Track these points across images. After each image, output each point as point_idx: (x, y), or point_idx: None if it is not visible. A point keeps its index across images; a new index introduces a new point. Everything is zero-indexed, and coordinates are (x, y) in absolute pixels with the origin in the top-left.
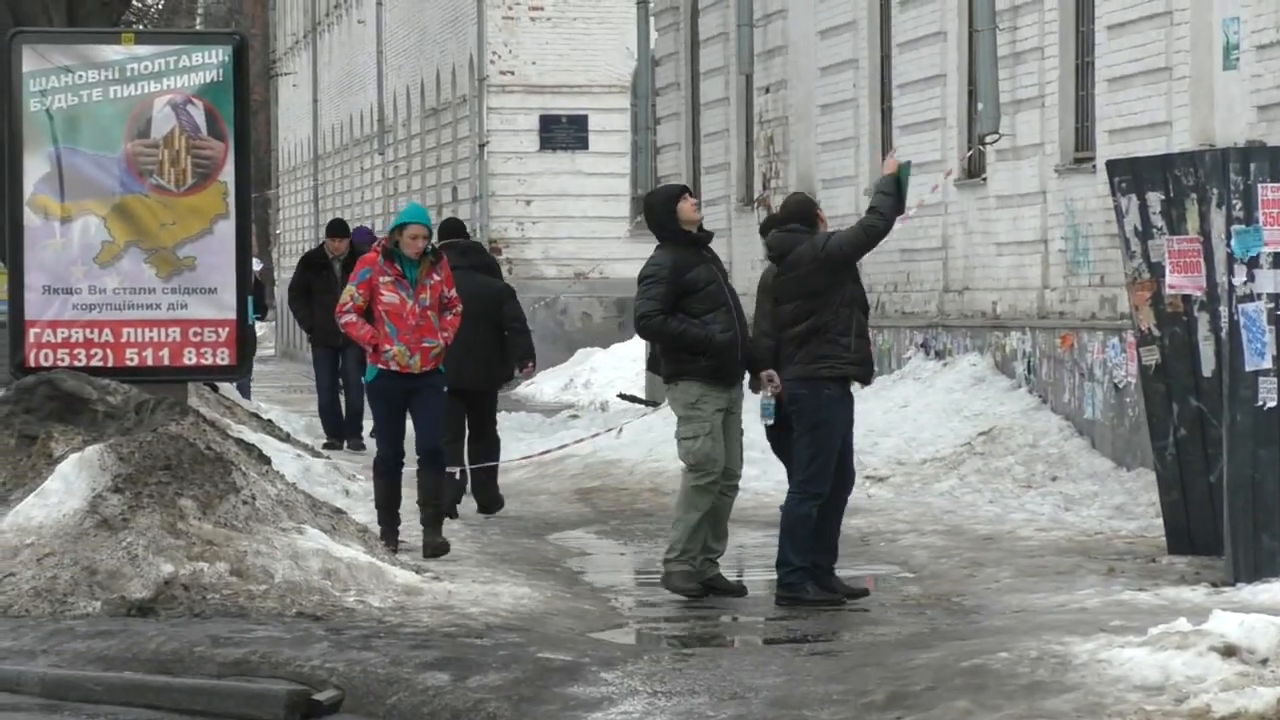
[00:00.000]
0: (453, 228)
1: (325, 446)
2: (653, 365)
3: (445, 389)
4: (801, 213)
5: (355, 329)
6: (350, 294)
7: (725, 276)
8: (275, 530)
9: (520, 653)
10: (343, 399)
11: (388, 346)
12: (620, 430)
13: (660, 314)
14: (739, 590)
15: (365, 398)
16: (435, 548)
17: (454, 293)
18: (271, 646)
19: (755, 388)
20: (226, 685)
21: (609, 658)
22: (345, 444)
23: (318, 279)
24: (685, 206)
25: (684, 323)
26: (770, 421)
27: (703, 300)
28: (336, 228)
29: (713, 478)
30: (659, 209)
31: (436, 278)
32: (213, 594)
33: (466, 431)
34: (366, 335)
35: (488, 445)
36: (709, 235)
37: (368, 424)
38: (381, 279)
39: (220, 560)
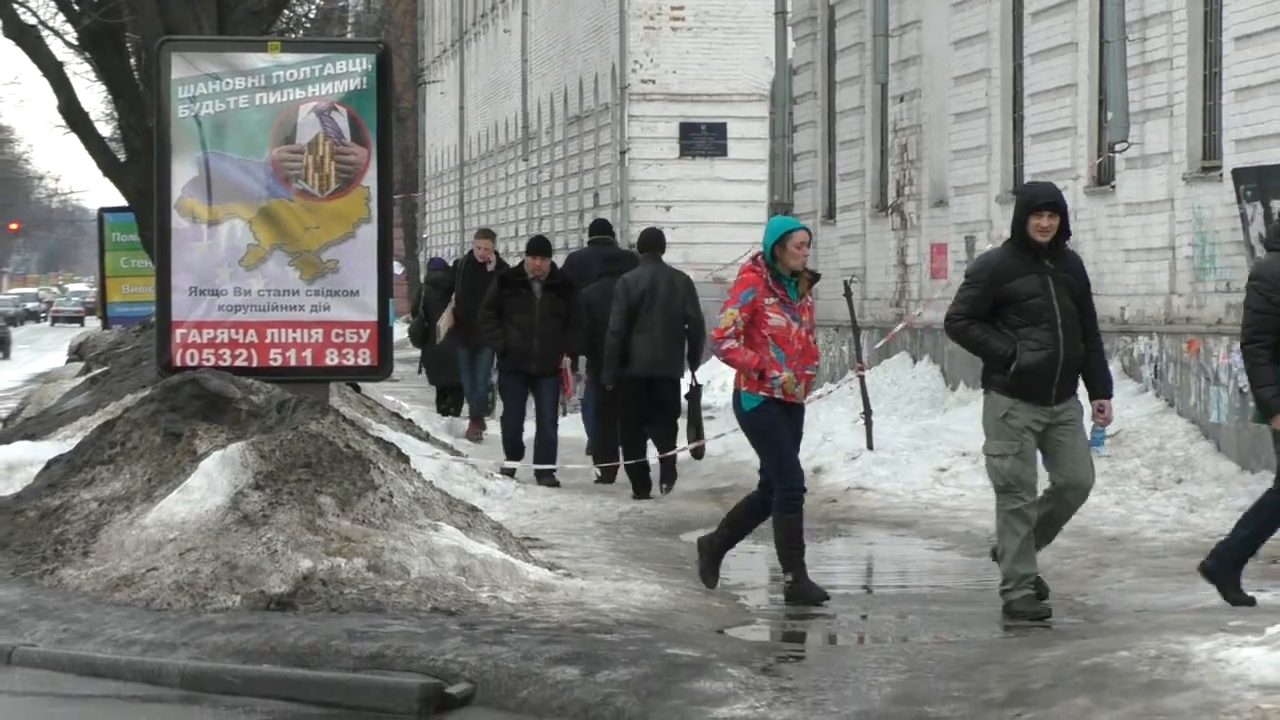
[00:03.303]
0: (602, 227)
1: (504, 472)
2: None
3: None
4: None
5: (740, 355)
6: (733, 318)
7: (1068, 290)
8: (412, 527)
9: (649, 649)
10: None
11: (776, 373)
12: None
13: (965, 318)
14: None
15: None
16: (813, 599)
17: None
18: (406, 641)
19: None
20: (362, 678)
21: (736, 654)
22: (538, 479)
23: (514, 298)
24: (1037, 223)
25: (988, 332)
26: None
27: (1022, 313)
28: (538, 245)
29: (1024, 502)
30: (1019, 209)
31: (811, 299)
32: (350, 589)
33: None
34: (754, 361)
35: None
36: (1059, 248)
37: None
38: (767, 300)
39: (358, 556)
